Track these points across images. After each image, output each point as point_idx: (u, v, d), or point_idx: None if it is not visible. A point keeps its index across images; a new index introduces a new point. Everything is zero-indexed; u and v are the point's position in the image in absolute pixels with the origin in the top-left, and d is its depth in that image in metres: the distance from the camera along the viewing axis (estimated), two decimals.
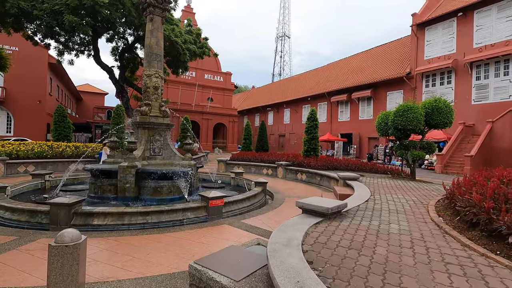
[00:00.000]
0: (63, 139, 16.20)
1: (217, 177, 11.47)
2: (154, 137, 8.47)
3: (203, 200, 6.04)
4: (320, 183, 11.16)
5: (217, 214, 6.01)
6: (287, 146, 41.01)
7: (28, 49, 27.12)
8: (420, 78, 24.86)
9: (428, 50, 24.46)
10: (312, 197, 4.44)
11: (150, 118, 8.36)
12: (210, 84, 40.04)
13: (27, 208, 5.27)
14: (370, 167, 11.89)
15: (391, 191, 6.59)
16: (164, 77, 8.81)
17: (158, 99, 8.72)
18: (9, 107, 28.05)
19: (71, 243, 2.35)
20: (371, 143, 29.19)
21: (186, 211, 5.72)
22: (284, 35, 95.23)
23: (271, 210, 6.83)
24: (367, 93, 28.85)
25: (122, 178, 7.27)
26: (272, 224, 5.53)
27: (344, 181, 8.44)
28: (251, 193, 7.40)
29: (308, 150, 14.07)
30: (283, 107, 42.73)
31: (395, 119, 9.34)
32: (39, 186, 8.75)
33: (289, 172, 13.03)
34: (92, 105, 48.02)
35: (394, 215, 4.19)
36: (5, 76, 27.36)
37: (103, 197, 7.45)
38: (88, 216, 5.14)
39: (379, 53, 32.36)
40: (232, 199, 6.63)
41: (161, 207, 5.53)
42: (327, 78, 37.32)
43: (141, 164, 7.76)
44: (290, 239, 2.82)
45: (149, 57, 8.62)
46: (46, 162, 12.00)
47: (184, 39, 21.82)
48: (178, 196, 7.70)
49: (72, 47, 20.36)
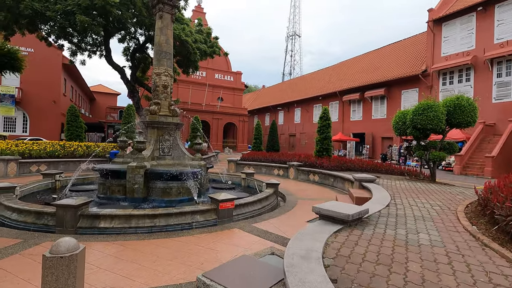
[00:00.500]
0: (75, 139, 16.34)
1: (227, 177, 11.23)
2: (163, 137, 8.30)
3: (213, 203, 5.80)
4: (333, 185, 10.76)
5: (227, 217, 5.75)
6: (298, 146, 40.51)
7: (43, 51, 27.68)
8: (437, 76, 23.97)
9: (445, 46, 23.57)
10: (330, 202, 4.11)
11: (160, 117, 8.19)
12: (220, 84, 39.98)
13: (34, 209, 5.15)
14: (385, 168, 11.41)
15: (412, 195, 6.17)
16: (173, 75, 8.62)
17: (167, 98, 8.55)
18: (25, 107, 28.70)
19: (67, 253, 2.12)
20: (385, 143, 28.41)
21: (196, 214, 5.48)
22: (294, 34, 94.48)
23: (283, 214, 6.52)
24: (381, 92, 28.09)
25: (130, 179, 7.12)
26: (285, 229, 5.22)
27: (360, 183, 8.05)
28: (263, 195, 7.11)
29: (320, 150, 13.66)
30: (293, 107, 42.24)
31: (414, 118, 8.87)
32: (50, 186, 8.72)
33: (301, 173, 12.68)
34: (105, 105, 48.77)
35: (421, 222, 3.82)
36: (21, 77, 28.01)
37: (112, 197, 7.32)
38: (95, 218, 4.97)
39: (392, 51, 31.49)
40: (243, 201, 6.36)
41: (169, 210, 5.31)
42: (339, 77, 36.63)
43: (150, 164, 7.60)
44: (309, 251, 2.52)
45: (159, 55, 8.45)
46: (57, 161, 12.06)
47: (195, 38, 21.72)
48: (187, 197, 7.50)
49: (85, 47, 20.60)
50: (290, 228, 5.29)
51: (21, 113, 28.85)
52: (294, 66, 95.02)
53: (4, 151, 11.21)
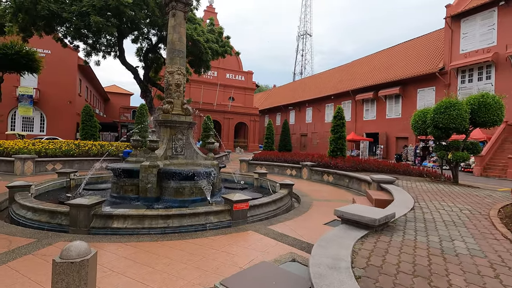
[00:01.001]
0: (89, 138, 16.56)
1: (240, 177, 11.08)
2: (176, 136, 8.21)
3: (227, 203, 5.63)
4: (348, 186, 10.43)
5: (241, 218, 5.58)
6: (309, 146, 40.05)
7: (59, 52, 28.32)
8: (455, 74, 23.14)
9: (464, 43, 22.71)
10: (352, 205, 3.87)
11: (172, 116, 8.11)
12: (231, 84, 39.96)
13: (48, 208, 5.12)
14: (403, 169, 10.98)
15: (437, 198, 5.83)
16: (186, 74, 8.52)
17: (180, 97, 8.46)
18: (42, 107, 29.46)
19: (78, 259, 1.99)
20: (400, 143, 27.67)
21: (209, 215, 5.33)
22: (305, 34, 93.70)
23: (299, 215, 6.30)
24: (395, 91, 27.37)
25: (143, 178, 7.05)
26: (302, 232, 5.00)
27: (378, 185, 7.73)
28: (277, 196, 6.90)
29: (334, 150, 13.33)
30: (305, 106, 41.79)
31: (435, 116, 8.46)
32: (64, 185, 8.78)
33: (314, 173, 12.39)
34: (119, 105, 49.61)
35: (453, 228, 3.53)
36: (38, 78, 28.80)
37: (125, 197, 7.27)
38: (108, 218, 4.88)
39: (407, 49, 30.63)
40: (258, 202, 6.17)
41: (182, 210, 5.18)
42: (351, 76, 35.96)
43: (163, 163, 7.51)
44: (336, 259, 2.31)
45: (171, 53, 8.37)
46: (72, 160, 12.20)
47: (207, 38, 21.70)
48: (200, 197, 7.37)
49: (99, 48, 20.91)
50: (307, 231, 5.07)
51: (39, 113, 29.62)
52: (305, 66, 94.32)
53: (21, 150, 11.42)
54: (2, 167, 10.96)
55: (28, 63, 19.77)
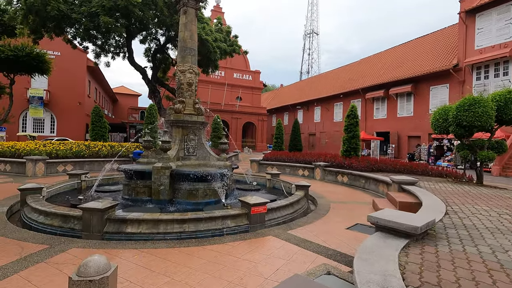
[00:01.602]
0: (99, 139, 16.54)
1: (252, 178, 10.82)
2: (188, 136, 8.01)
3: (244, 206, 5.38)
4: (365, 187, 10.07)
5: (259, 222, 5.32)
6: (318, 146, 39.58)
7: (69, 54, 28.60)
8: (470, 70, 22.43)
9: (479, 39, 21.99)
10: (384, 210, 3.57)
11: (184, 116, 7.90)
12: (239, 83, 39.76)
13: (60, 212, 4.94)
14: (421, 170, 10.57)
15: (468, 201, 5.47)
16: (198, 72, 8.31)
17: (192, 96, 8.24)
18: (53, 109, 29.75)
19: (97, 276, 1.75)
20: (412, 142, 27.04)
21: (226, 219, 5.08)
22: (312, 32, 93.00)
23: (318, 219, 6.00)
24: (407, 88, 26.73)
25: (156, 180, 6.85)
26: (325, 237, 4.71)
27: (399, 186, 7.38)
28: (294, 199, 6.62)
29: (348, 150, 12.96)
30: (313, 105, 41.31)
31: (458, 114, 8.05)
32: (76, 186, 8.65)
33: (328, 174, 12.06)
34: (127, 106, 49.90)
35: (500, 236, 3.20)
36: (48, 80, 29.10)
37: (137, 199, 7.09)
38: (122, 223, 4.68)
39: (419, 45, 29.90)
40: (275, 205, 5.90)
41: (198, 214, 4.94)
42: (361, 74, 35.34)
43: (175, 164, 7.31)
44: (386, 276, 2.02)
45: (183, 51, 8.16)
46: (83, 161, 12.14)
47: (215, 37, 21.54)
48: (214, 199, 7.14)
49: (108, 49, 20.95)
50: (330, 237, 4.78)
51: (49, 114, 29.93)
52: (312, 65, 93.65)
53: (32, 151, 11.40)
54: (14, 168, 10.95)
55: (39, 65, 19.95)
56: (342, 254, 3.94)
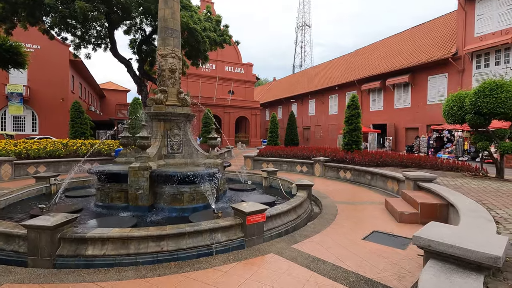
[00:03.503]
0: (80, 136, 15.27)
1: (246, 176, 9.82)
2: (172, 131, 6.93)
3: (237, 215, 4.37)
4: (371, 184, 9.18)
5: (257, 234, 4.33)
6: (312, 139, 38.79)
7: (50, 48, 26.96)
8: (469, 58, 21.71)
9: (479, 25, 21.23)
10: (432, 225, 2.60)
11: (167, 108, 6.80)
12: (230, 77, 38.47)
13: (1, 230, 3.84)
14: (430, 163, 9.71)
15: (507, 201, 4.57)
16: (182, 57, 7.20)
17: (175, 85, 7.14)
18: (34, 105, 28.08)
19: None
20: (409, 134, 26.38)
21: (216, 232, 4.07)
22: (304, 25, 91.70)
23: (326, 226, 5.05)
24: (404, 79, 25.96)
25: (133, 183, 5.79)
26: (340, 253, 3.76)
27: (415, 184, 6.46)
28: (297, 201, 5.64)
29: (349, 143, 12.05)
30: (307, 98, 40.39)
31: (477, 100, 7.15)
32: (44, 191, 7.52)
33: (328, 170, 11.14)
34: (115, 103, 48.15)
35: None
36: (28, 75, 27.42)
37: (112, 206, 6.02)
38: (80, 243, 3.63)
39: (416, 34, 29.09)
40: (275, 211, 4.90)
41: (180, 228, 3.91)
42: (356, 65, 34.45)
43: (156, 164, 6.25)
44: None
45: (164, 32, 7.02)
46: (58, 161, 10.93)
47: (204, 26, 20.25)
48: (202, 204, 6.13)
49: (89, 40, 19.53)
50: (346, 252, 3.83)
51: (30, 111, 28.25)
52: (304, 58, 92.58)
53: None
54: None
55: (13, 57, 18.41)
56: (368, 280, 2.99)
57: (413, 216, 5.12)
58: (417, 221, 5.07)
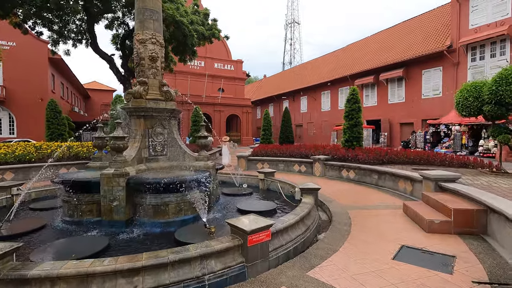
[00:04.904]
0: (56, 138, 13.98)
1: (240, 178, 8.88)
2: (154, 130, 5.91)
3: (236, 233, 3.43)
4: (378, 184, 8.37)
5: (261, 257, 3.40)
6: (305, 137, 38.08)
7: (26, 45, 25.36)
8: (464, 51, 21.28)
9: (474, 17, 20.80)
10: None
11: (147, 102, 5.77)
12: (220, 74, 37.34)
13: None
14: (440, 160, 8.99)
15: None
16: (163, 43, 6.18)
17: (157, 76, 6.11)
18: (10, 107, 26.32)
19: None
20: (404, 129, 25.92)
21: (209, 259, 3.12)
22: (293, 22, 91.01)
23: (343, 241, 4.15)
24: (398, 73, 25.44)
25: (106, 193, 4.77)
26: (375, 284, 2.87)
27: (436, 184, 5.66)
28: (304, 210, 4.73)
29: (349, 140, 11.25)
30: (299, 95, 39.61)
31: (499, 89, 6.41)
32: (4, 203, 6.38)
33: (329, 169, 10.30)
34: (101, 103, 46.31)
35: None
36: (3, 74, 25.69)
37: (81, 222, 4.98)
38: (21, 285, 2.62)
39: (409, 28, 28.63)
40: (281, 225, 3.97)
41: (161, 257, 2.93)
42: (349, 60, 33.85)
43: (135, 169, 5.23)
44: None
45: (142, 14, 5.98)
46: (29, 167, 9.71)
47: (191, 19, 19.11)
48: (192, 215, 5.16)
49: (68, 35, 18.19)
50: (381, 281, 2.94)
51: (6, 113, 26.47)
52: (294, 55, 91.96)
53: None
54: None
55: None
56: None
57: (444, 225, 4.29)
58: (449, 231, 4.25)
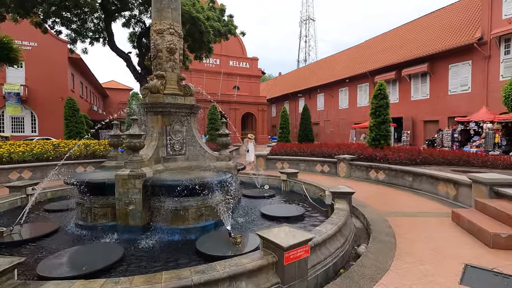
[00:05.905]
0: (75, 136, 13.97)
1: (262, 179, 8.36)
2: (172, 127, 5.48)
3: (268, 248, 2.91)
4: (412, 186, 7.63)
5: (299, 277, 2.86)
6: (322, 135, 37.12)
7: (47, 45, 25.93)
8: (497, 43, 19.82)
9: (507, 6, 19.32)
10: None
11: (165, 98, 5.35)
12: (235, 72, 36.96)
13: None
14: (481, 160, 8.14)
15: None
16: (182, 34, 5.73)
17: (175, 69, 5.68)
18: (32, 106, 26.98)
19: None
20: (429, 127, 24.60)
21: (239, 280, 2.62)
22: (308, 19, 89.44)
23: (391, 257, 3.55)
24: (423, 68, 24.15)
25: (121, 196, 4.37)
26: None
27: (491, 189, 4.92)
28: (341, 218, 4.15)
29: (376, 139, 10.50)
30: (315, 92, 38.67)
31: None
32: (19, 204, 6.16)
33: (355, 169, 9.62)
34: (118, 102, 47.06)
35: None
36: (26, 74, 26.32)
37: (95, 226, 4.61)
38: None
39: (434, 20, 27.13)
40: (320, 237, 3.41)
41: (183, 279, 2.46)
42: (368, 56, 32.60)
43: (152, 170, 4.82)
44: None
45: (159, 2, 5.55)
46: (46, 165, 9.60)
47: (207, 15, 18.75)
48: (213, 220, 4.69)
49: (85, 34, 18.32)
50: None
51: (29, 112, 27.14)
52: (309, 52, 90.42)
53: None
54: None
55: (4, 53, 17.23)
56: None
57: None
58: None
